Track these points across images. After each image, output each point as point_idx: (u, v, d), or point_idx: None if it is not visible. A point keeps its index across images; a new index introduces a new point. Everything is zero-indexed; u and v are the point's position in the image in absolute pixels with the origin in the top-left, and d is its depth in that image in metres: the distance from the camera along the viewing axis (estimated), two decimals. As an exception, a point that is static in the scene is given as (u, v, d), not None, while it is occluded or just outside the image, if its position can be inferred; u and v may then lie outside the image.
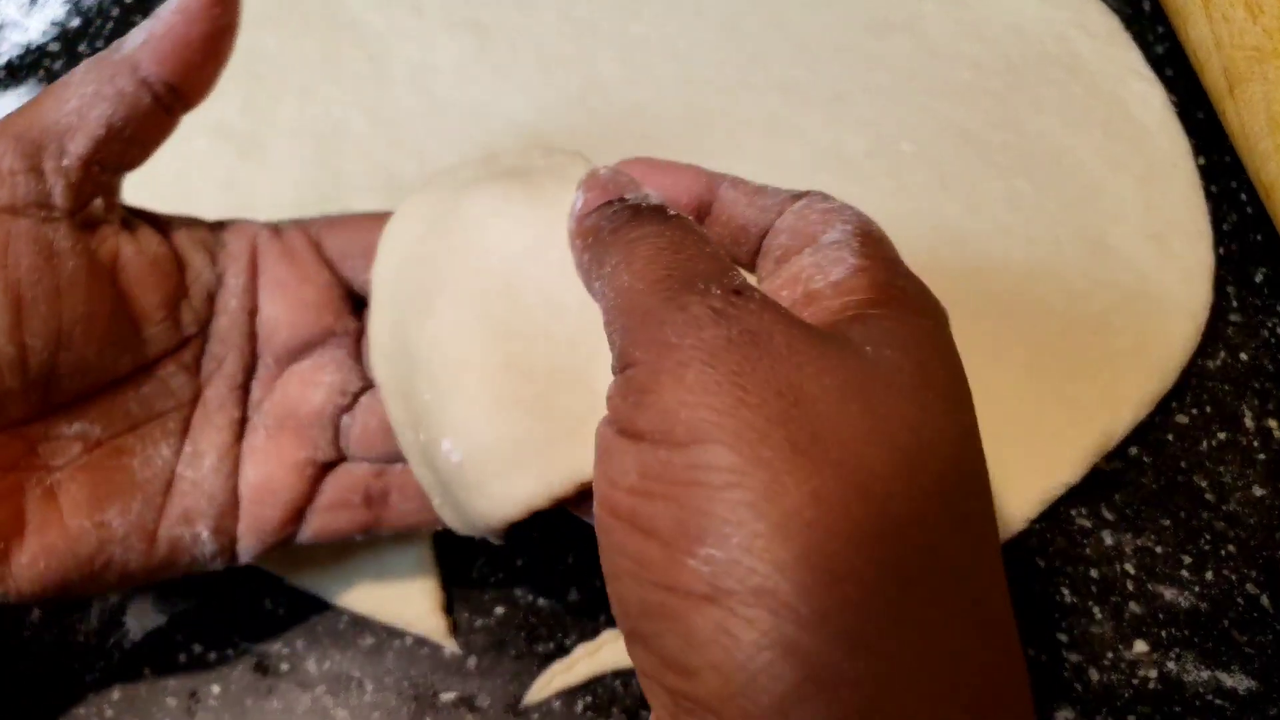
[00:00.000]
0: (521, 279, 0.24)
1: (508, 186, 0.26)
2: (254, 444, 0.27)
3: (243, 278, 0.27)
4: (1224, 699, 0.31)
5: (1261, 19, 0.41)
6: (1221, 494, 0.34)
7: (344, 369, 0.28)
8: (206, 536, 0.26)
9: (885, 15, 0.44)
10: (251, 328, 0.27)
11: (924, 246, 0.38)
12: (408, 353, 0.25)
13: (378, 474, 0.28)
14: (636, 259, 0.20)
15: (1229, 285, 0.39)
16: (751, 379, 0.17)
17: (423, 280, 0.25)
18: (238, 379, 0.27)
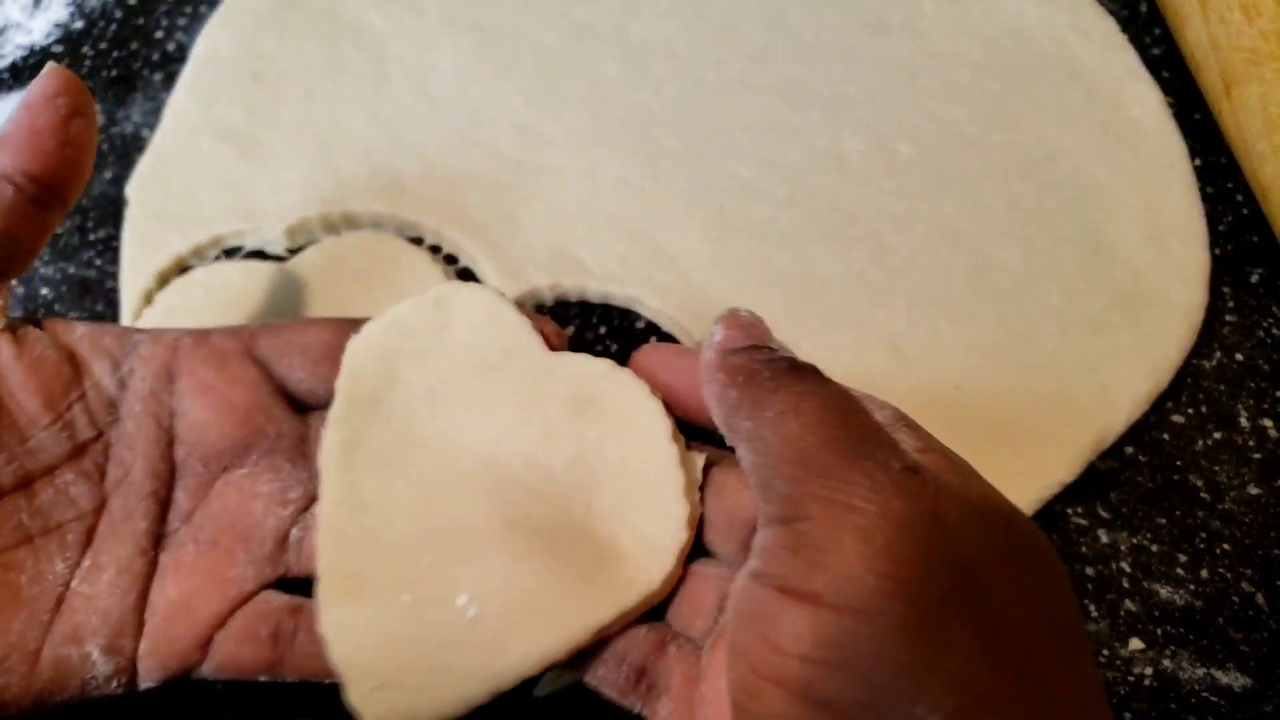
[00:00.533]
0: (505, 453, 0.25)
1: (476, 367, 0.26)
2: (180, 558, 0.25)
3: (150, 381, 0.26)
4: (1219, 696, 0.31)
5: (1258, 21, 0.41)
6: (1217, 493, 0.35)
7: (283, 474, 0.26)
8: (98, 656, 0.24)
9: (884, 17, 0.45)
10: (162, 434, 0.26)
11: (922, 247, 0.38)
12: (379, 511, 0.24)
13: (292, 610, 0.26)
14: (805, 411, 0.20)
15: (1225, 286, 0.39)
16: (936, 559, 0.18)
17: (391, 442, 0.25)
18: (147, 487, 0.25)
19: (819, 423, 0.20)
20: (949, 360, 0.36)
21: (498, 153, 0.40)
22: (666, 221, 0.38)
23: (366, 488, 0.25)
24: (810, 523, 0.19)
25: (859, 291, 0.37)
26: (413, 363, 0.26)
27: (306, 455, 0.27)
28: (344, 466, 0.25)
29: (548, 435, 0.25)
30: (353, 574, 0.24)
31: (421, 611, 0.23)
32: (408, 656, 0.23)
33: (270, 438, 0.26)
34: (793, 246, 0.38)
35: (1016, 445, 0.34)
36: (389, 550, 0.24)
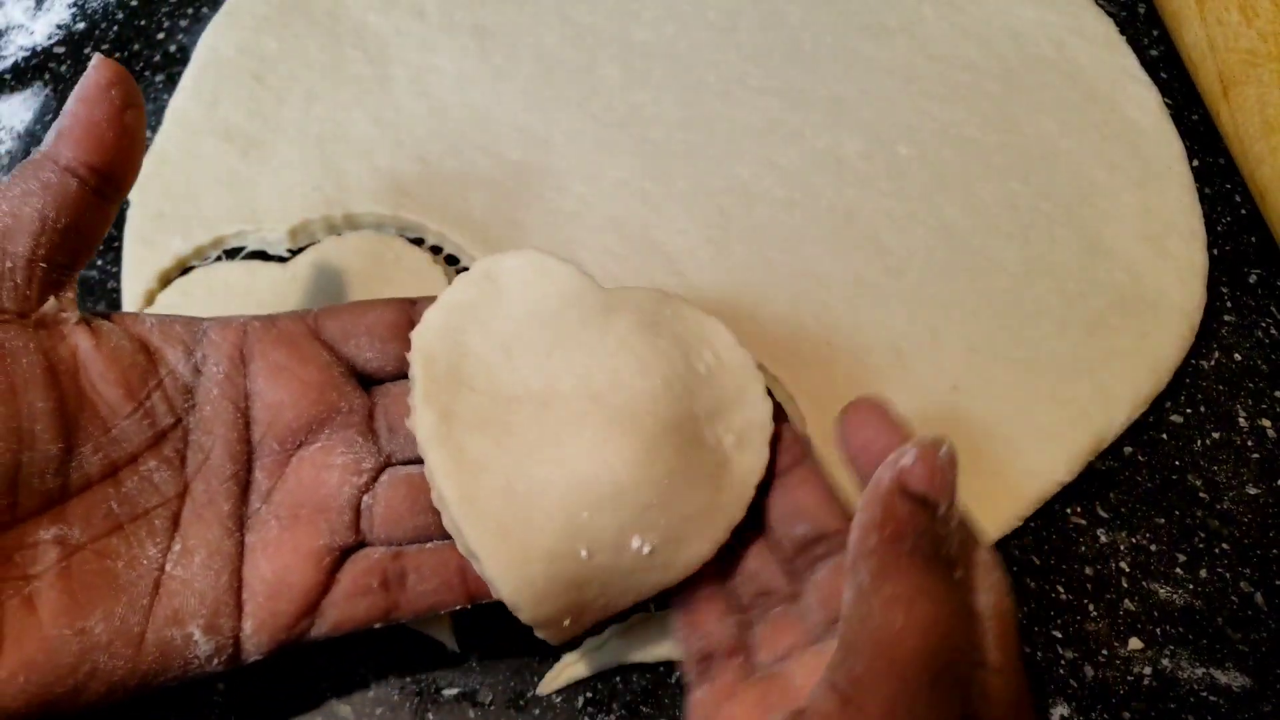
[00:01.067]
0: (602, 386, 0.25)
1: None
2: (266, 536, 0.26)
3: (224, 366, 0.27)
4: (1218, 696, 0.31)
5: (1256, 22, 0.42)
6: (1216, 493, 0.35)
7: (355, 448, 0.27)
8: (199, 637, 0.25)
9: (883, 19, 0.45)
10: (239, 417, 0.27)
11: (921, 247, 0.38)
12: (498, 470, 0.25)
13: (395, 557, 0.27)
14: (919, 612, 0.21)
15: (1223, 286, 0.39)
16: None
17: (483, 404, 0.25)
18: (227, 470, 0.26)
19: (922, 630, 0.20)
20: (948, 360, 0.36)
21: (498, 154, 0.40)
22: (666, 222, 0.38)
23: (476, 449, 0.25)
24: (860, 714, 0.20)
25: (858, 292, 0.37)
26: (479, 333, 0.26)
27: (375, 429, 0.28)
28: (444, 437, 0.25)
29: (634, 359, 0.25)
30: (505, 535, 0.24)
31: (602, 560, 0.24)
32: (592, 595, 0.25)
33: (343, 413, 0.27)
34: (792, 247, 0.38)
35: (1015, 445, 0.34)
36: (530, 503, 0.24)
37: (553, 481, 0.24)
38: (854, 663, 0.21)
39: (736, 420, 0.26)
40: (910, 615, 0.21)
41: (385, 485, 0.27)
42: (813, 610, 0.26)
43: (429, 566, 0.27)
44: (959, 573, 0.22)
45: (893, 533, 0.22)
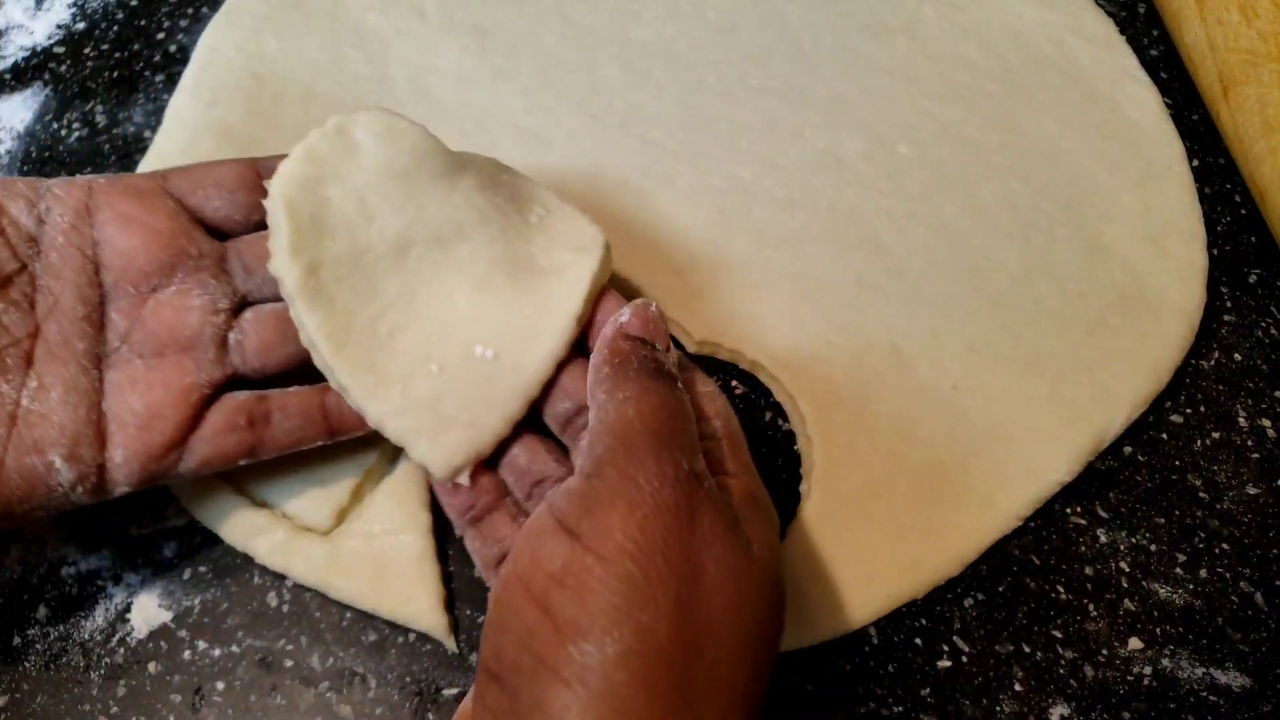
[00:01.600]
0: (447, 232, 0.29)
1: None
2: (133, 374, 0.28)
3: (69, 217, 0.28)
4: (1218, 695, 0.31)
5: (1256, 23, 0.42)
6: (1215, 493, 0.35)
7: (210, 289, 0.29)
8: (60, 464, 0.27)
9: (883, 19, 0.45)
10: (87, 263, 0.28)
11: (921, 247, 0.38)
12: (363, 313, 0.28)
13: (260, 399, 0.29)
14: (645, 405, 0.25)
15: (1223, 286, 0.39)
16: (675, 542, 0.23)
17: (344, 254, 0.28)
18: (79, 311, 0.28)
19: (649, 416, 0.25)
20: (948, 360, 0.36)
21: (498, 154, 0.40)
22: (666, 222, 0.38)
23: (343, 301, 0.28)
24: (601, 482, 0.24)
25: (858, 292, 0.37)
26: (335, 184, 0.28)
27: (228, 271, 0.30)
28: (314, 289, 0.27)
29: (476, 211, 0.29)
30: (371, 368, 0.28)
31: (450, 372, 0.28)
32: (452, 406, 0.28)
33: (194, 257, 0.29)
34: (792, 247, 0.38)
35: (1015, 445, 0.34)
36: (390, 339, 0.28)
37: (408, 322, 0.29)
38: (594, 449, 0.25)
39: (572, 241, 0.31)
40: (639, 407, 0.25)
41: (252, 321, 0.29)
42: None
43: (293, 406, 0.29)
44: (678, 385, 0.27)
45: (619, 360, 0.26)
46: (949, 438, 0.34)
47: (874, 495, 0.33)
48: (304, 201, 0.28)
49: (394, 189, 0.29)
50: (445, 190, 0.29)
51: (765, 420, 0.36)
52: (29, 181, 0.29)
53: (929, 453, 0.34)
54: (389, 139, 0.29)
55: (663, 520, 0.23)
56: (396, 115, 0.29)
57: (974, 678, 0.31)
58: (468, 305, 0.29)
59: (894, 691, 0.31)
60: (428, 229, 0.29)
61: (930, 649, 0.32)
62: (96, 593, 0.32)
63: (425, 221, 0.29)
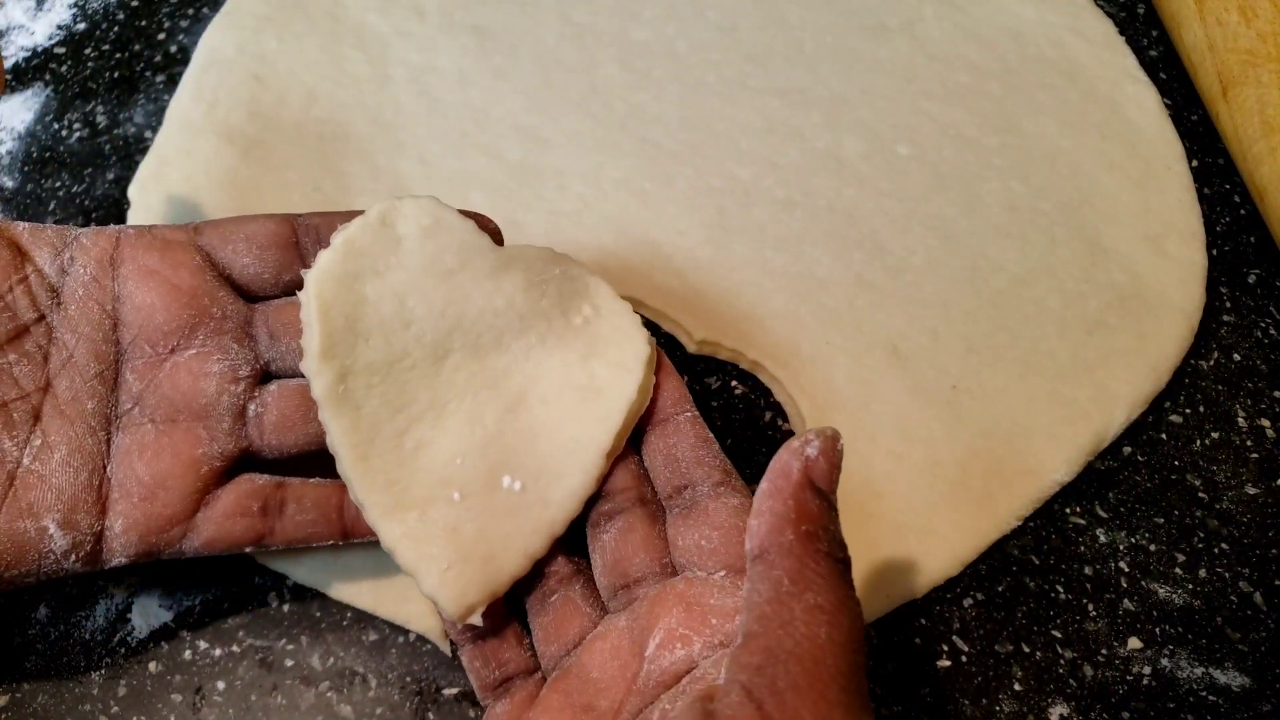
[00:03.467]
0: (486, 343, 0.28)
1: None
2: (142, 439, 0.27)
3: (91, 268, 0.27)
4: (1217, 695, 0.31)
5: (1255, 23, 0.42)
6: (1215, 493, 0.35)
7: (231, 354, 0.28)
8: (55, 531, 0.25)
9: (883, 19, 0.45)
10: (105, 318, 0.27)
11: (920, 247, 0.38)
12: (390, 427, 0.27)
13: (278, 485, 0.28)
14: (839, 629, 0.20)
15: (1222, 286, 0.39)
16: None
17: (378, 361, 0.27)
18: (92, 369, 0.27)
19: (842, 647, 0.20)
20: (947, 360, 0.36)
21: (498, 154, 0.40)
22: (666, 222, 0.38)
23: (371, 410, 0.26)
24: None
25: (857, 292, 0.37)
26: (375, 282, 0.27)
27: (253, 336, 0.28)
28: (343, 395, 0.26)
29: (515, 315, 0.28)
30: (391, 487, 0.26)
31: (473, 500, 0.27)
32: (470, 536, 0.26)
33: (216, 319, 0.28)
34: (791, 247, 0.38)
35: (1015, 445, 0.34)
36: (417, 458, 0.27)
37: (435, 439, 0.27)
38: (775, 673, 0.20)
39: (613, 355, 0.29)
40: (833, 629, 0.20)
41: (275, 395, 0.28)
42: (600, 576, 0.27)
43: (310, 499, 0.28)
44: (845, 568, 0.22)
45: (808, 531, 0.21)
46: (949, 438, 0.34)
47: (874, 495, 0.33)
48: (339, 301, 0.26)
49: (436, 291, 0.27)
50: (488, 293, 0.27)
51: (765, 420, 0.36)
52: (58, 230, 0.28)
53: (929, 453, 0.34)
54: (435, 234, 0.27)
55: None
56: (444, 207, 0.28)
57: (973, 678, 0.31)
58: (497, 426, 0.27)
59: (893, 691, 0.31)
60: (466, 338, 0.27)
61: (929, 649, 0.32)
62: (97, 592, 0.32)
63: (465, 329, 0.27)
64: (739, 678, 0.20)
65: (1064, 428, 0.34)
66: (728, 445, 0.35)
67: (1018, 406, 0.35)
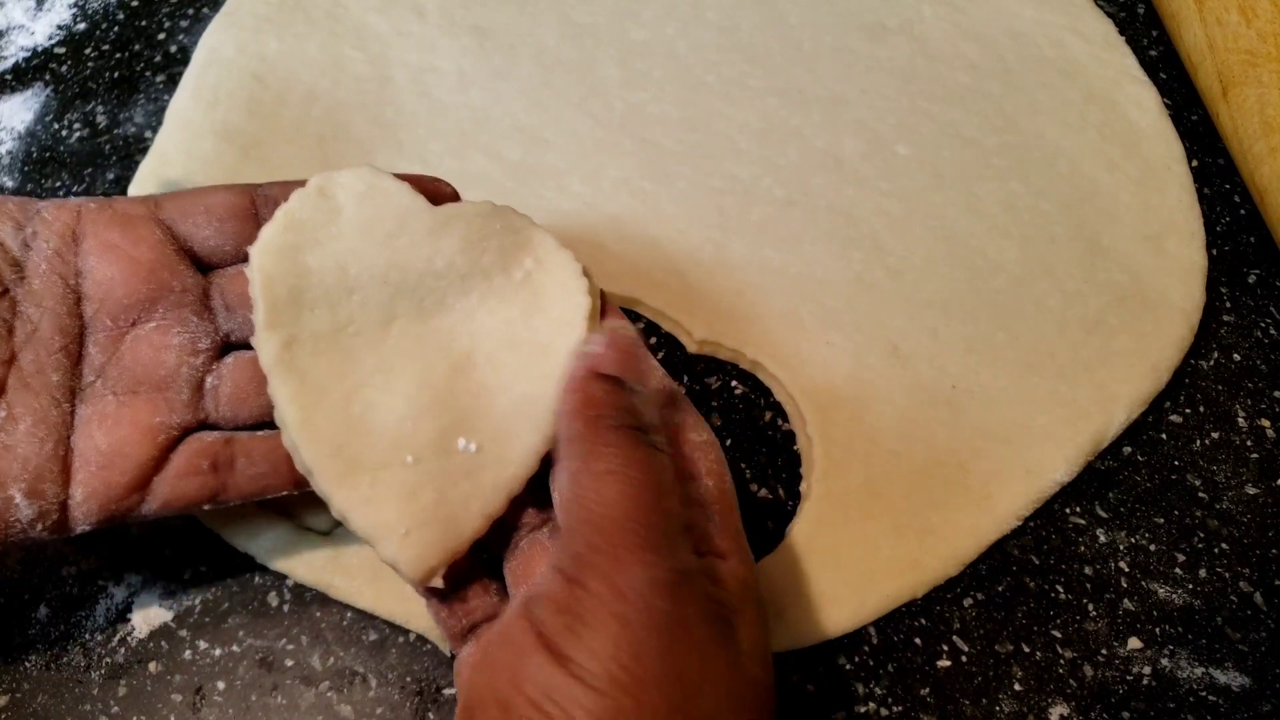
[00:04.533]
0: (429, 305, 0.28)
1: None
2: (103, 410, 0.27)
3: (54, 243, 0.27)
4: (1217, 695, 0.31)
5: (1255, 23, 0.42)
6: (1215, 493, 0.35)
7: (191, 327, 0.28)
8: (20, 500, 0.26)
9: (882, 19, 0.45)
10: (69, 292, 0.27)
11: (920, 247, 0.38)
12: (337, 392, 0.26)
13: (226, 441, 0.28)
14: (627, 484, 0.22)
15: (1222, 286, 0.39)
16: (669, 667, 0.21)
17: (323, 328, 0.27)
18: (56, 343, 0.27)
19: (631, 500, 0.22)
20: (947, 360, 0.36)
21: (498, 154, 0.40)
22: (666, 222, 0.38)
23: (317, 376, 0.26)
24: (585, 593, 0.22)
25: (857, 292, 0.37)
26: (316, 251, 0.27)
27: (212, 309, 0.28)
28: (288, 362, 0.26)
29: (458, 279, 0.28)
30: (341, 453, 0.26)
31: (428, 464, 0.26)
32: (427, 501, 0.26)
33: (176, 292, 0.28)
34: (791, 247, 0.38)
35: (1014, 445, 0.34)
36: (365, 423, 0.26)
37: (384, 402, 0.27)
38: (573, 542, 0.22)
39: (555, 312, 0.28)
40: (620, 486, 0.22)
41: (231, 366, 0.28)
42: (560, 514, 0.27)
43: (259, 452, 0.28)
44: (659, 438, 0.24)
45: (593, 413, 0.24)
46: (949, 438, 0.34)
47: (874, 495, 0.33)
48: (282, 273, 0.27)
49: (376, 256, 0.27)
50: (428, 255, 0.28)
51: (765, 420, 0.36)
52: (19, 202, 0.28)
53: (929, 453, 0.34)
54: (371, 200, 0.28)
55: (656, 642, 0.21)
56: (379, 173, 0.28)
57: (973, 677, 0.31)
58: (447, 388, 0.27)
59: (893, 691, 0.31)
60: (410, 301, 0.27)
61: (930, 649, 0.32)
62: (97, 592, 0.32)
63: (408, 293, 0.27)
64: (551, 561, 0.23)
65: (1064, 427, 0.34)
66: (728, 445, 0.35)
67: (1018, 406, 0.35)
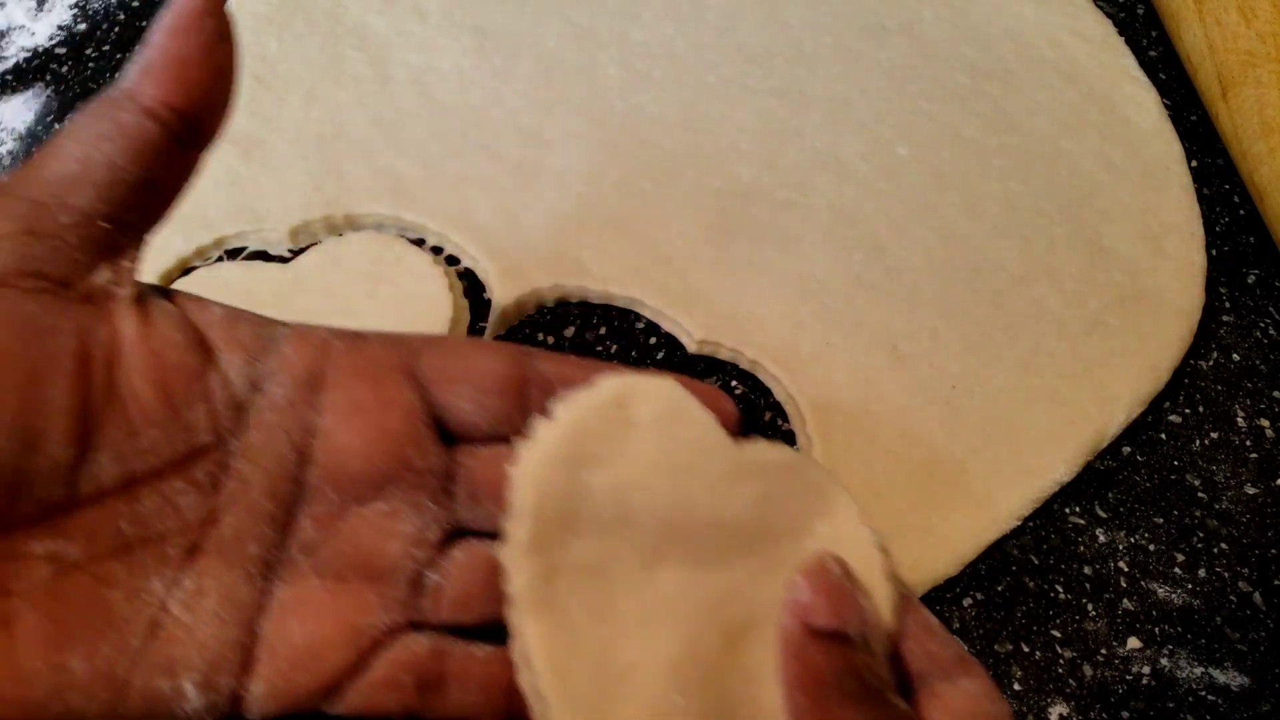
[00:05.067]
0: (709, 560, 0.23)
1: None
2: (304, 595, 0.22)
3: (289, 389, 0.23)
4: (1216, 695, 0.31)
5: (1255, 23, 0.42)
6: (1214, 492, 0.35)
7: (423, 513, 0.23)
8: (192, 692, 0.21)
9: (882, 19, 0.45)
10: (293, 452, 0.23)
11: (920, 248, 0.38)
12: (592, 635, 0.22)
13: (437, 656, 0.23)
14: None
15: (1221, 286, 0.40)
16: None
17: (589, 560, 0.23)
18: (264, 508, 0.22)
19: None
20: (946, 360, 0.36)
21: (499, 155, 0.40)
22: (666, 223, 0.39)
23: (574, 616, 0.22)
24: None
25: (857, 292, 0.37)
26: (598, 469, 0.23)
27: (450, 494, 0.24)
28: (545, 597, 0.22)
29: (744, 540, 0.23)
30: (583, 702, 0.22)
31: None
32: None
33: (416, 471, 0.23)
34: (791, 247, 0.38)
35: (1014, 445, 0.34)
36: (624, 687, 0.22)
37: (645, 666, 0.22)
38: None
39: None
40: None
41: (460, 563, 0.24)
42: None
43: (475, 678, 0.23)
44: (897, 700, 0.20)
45: (814, 684, 0.20)
46: (948, 438, 0.34)
47: (874, 495, 0.33)
48: (558, 489, 0.22)
49: (663, 490, 0.23)
50: (720, 502, 0.23)
51: (765, 420, 0.36)
52: (257, 325, 0.23)
53: (928, 453, 0.34)
54: (671, 425, 0.23)
55: None
56: (685, 393, 0.24)
57: (973, 677, 0.31)
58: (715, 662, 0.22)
59: (893, 691, 0.31)
60: (685, 547, 0.23)
61: (929, 648, 0.32)
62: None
63: (685, 538, 0.23)
64: None
65: (1063, 427, 0.35)
66: (728, 445, 0.35)
67: (1017, 406, 0.35)
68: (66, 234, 0.20)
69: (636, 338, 0.37)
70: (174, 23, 0.21)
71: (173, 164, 0.22)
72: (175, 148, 0.21)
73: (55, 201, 0.20)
